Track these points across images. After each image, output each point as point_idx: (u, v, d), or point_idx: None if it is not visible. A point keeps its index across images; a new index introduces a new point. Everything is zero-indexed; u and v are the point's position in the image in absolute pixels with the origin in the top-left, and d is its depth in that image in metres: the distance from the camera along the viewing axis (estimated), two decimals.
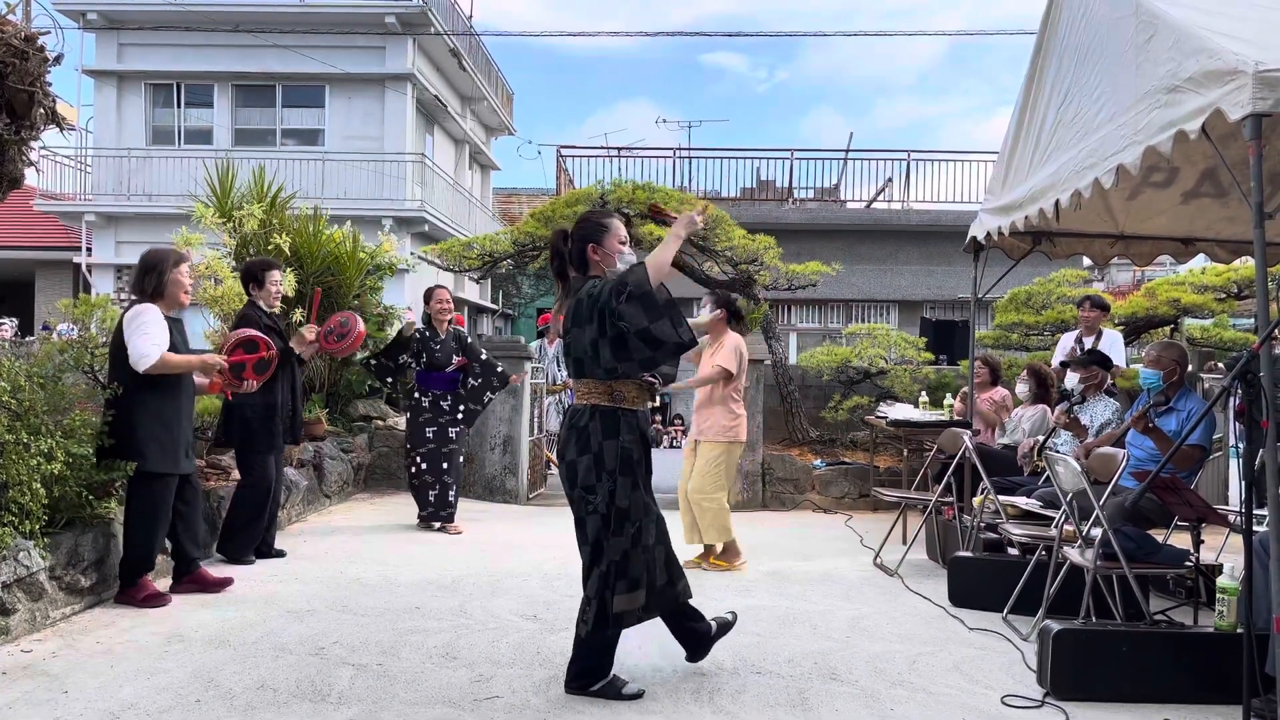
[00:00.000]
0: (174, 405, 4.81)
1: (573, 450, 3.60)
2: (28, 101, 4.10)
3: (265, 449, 5.68)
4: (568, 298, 3.68)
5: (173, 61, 19.32)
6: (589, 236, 3.68)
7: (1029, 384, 6.73)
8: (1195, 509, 4.28)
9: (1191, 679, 3.77)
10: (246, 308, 5.76)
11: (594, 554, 3.58)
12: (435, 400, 7.10)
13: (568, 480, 3.64)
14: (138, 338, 4.62)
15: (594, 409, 3.59)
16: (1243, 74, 3.28)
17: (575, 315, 3.57)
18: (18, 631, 4.07)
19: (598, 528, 3.56)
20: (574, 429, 3.61)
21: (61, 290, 19.34)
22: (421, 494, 7.13)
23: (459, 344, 7.17)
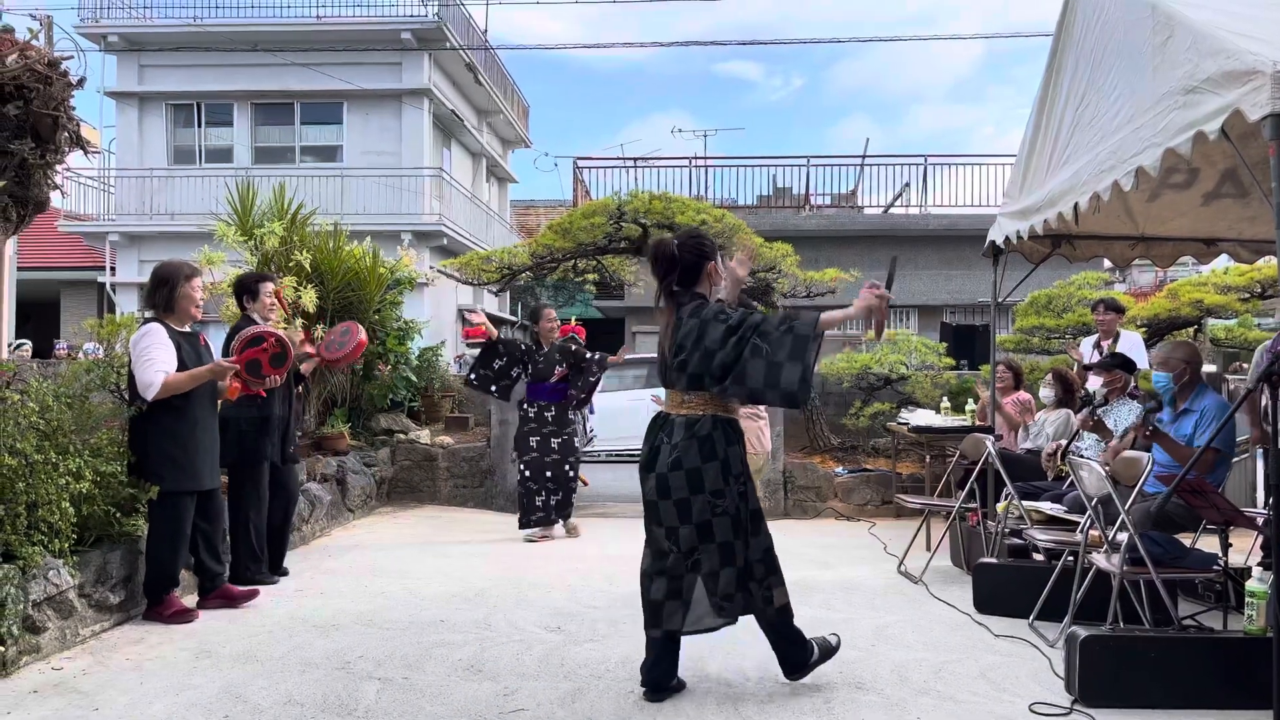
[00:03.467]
0: (189, 422, 4.79)
1: (695, 457, 3.67)
2: (52, 125, 4.18)
3: (259, 463, 5.57)
4: (677, 311, 3.77)
5: (192, 82, 19.54)
6: (709, 254, 3.84)
7: (1054, 388, 6.68)
8: (1223, 512, 4.24)
9: (1221, 684, 3.72)
10: (240, 321, 5.67)
11: (724, 555, 3.70)
12: (540, 410, 7.35)
13: (688, 486, 3.66)
14: (141, 365, 4.64)
15: (714, 418, 3.73)
16: (1261, 74, 3.26)
17: (700, 333, 3.67)
18: (48, 649, 4.12)
19: (728, 529, 3.69)
20: (695, 437, 3.69)
21: (87, 310, 19.56)
22: (527, 501, 7.33)
23: (563, 355, 7.39)
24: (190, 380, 4.75)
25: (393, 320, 9.41)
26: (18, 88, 4.06)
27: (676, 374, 3.76)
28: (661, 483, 3.72)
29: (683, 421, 3.73)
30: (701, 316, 3.70)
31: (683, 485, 3.68)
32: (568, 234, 9.54)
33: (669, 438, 3.74)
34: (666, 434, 3.76)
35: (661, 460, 3.73)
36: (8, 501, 4.01)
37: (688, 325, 3.72)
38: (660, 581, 3.76)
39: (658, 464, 3.74)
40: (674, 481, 3.69)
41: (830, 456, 9.65)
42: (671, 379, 3.80)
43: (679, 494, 3.68)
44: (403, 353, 9.52)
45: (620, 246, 9.71)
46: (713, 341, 3.64)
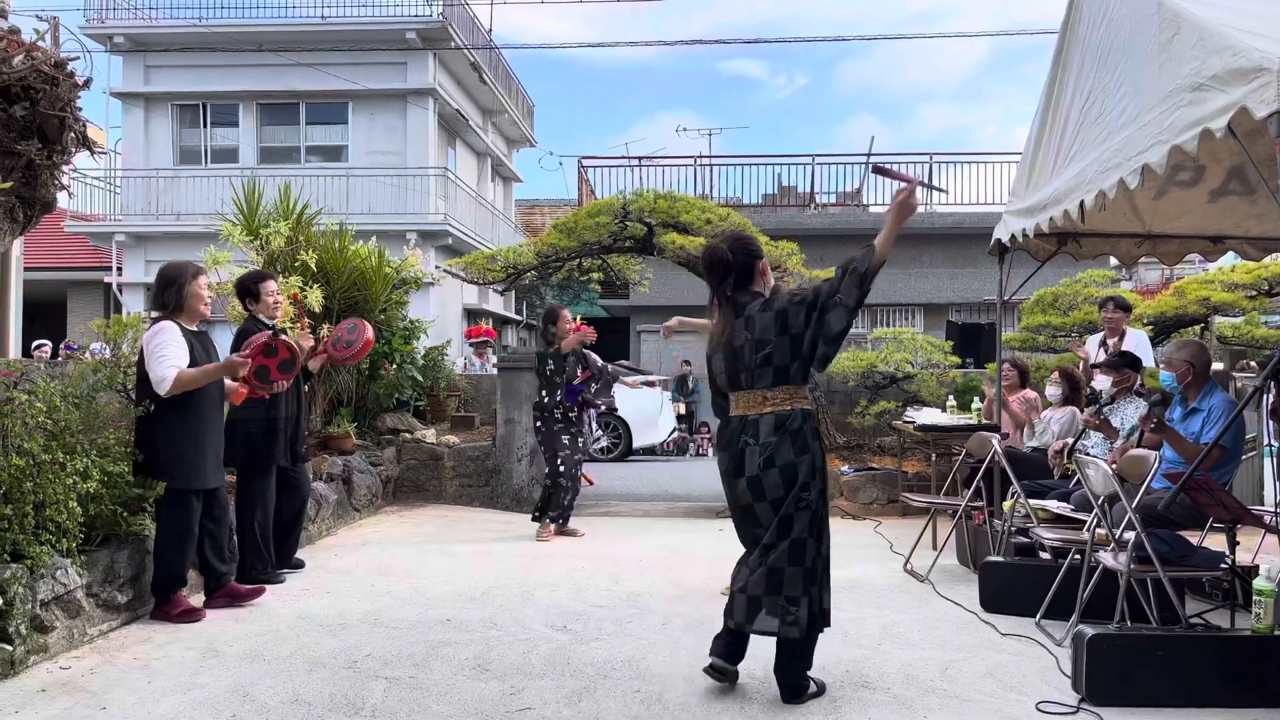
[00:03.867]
0: (197, 421, 4.82)
1: (789, 452, 3.66)
2: (59, 126, 4.18)
3: (266, 464, 5.60)
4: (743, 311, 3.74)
5: (198, 82, 19.58)
6: (758, 253, 3.86)
7: (1061, 386, 6.67)
8: (1230, 510, 4.23)
9: (1229, 683, 3.72)
10: (247, 322, 5.70)
11: (794, 552, 3.66)
12: (565, 411, 7.44)
13: (783, 483, 3.64)
14: (155, 361, 4.67)
15: (803, 412, 3.73)
16: (1268, 71, 3.26)
17: (783, 322, 3.66)
18: (56, 649, 4.13)
19: (805, 525, 3.66)
20: (787, 432, 3.67)
21: (93, 310, 19.62)
22: (553, 498, 7.45)
23: (580, 358, 7.50)
24: (204, 376, 4.78)
25: (398, 320, 9.42)
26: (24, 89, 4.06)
27: (760, 370, 3.70)
28: (755, 485, 3.67)
29: (770, 419, 3.69)
30: (777, 307, 3.69)
31: (777, 483, 3.66)
32: (573, 233, 9.54)
33: (754, 439, 3.69)
34: (750, 435, 3.70)
35: (750, 463, 3.68)
36: (15, 501, 4.03)
37: (764, 319, 3.69)
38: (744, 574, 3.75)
39: (746, 467, 3.69)
40: (768, 481, 3.66)
41: (836, 455, 9.64)
42: (750, 379, 3.72)
43: (774, 493, 3.66)
44: (408, 352, 9.53)
45: (625, 246, 9.71)
46: (798, 324, 3.64)
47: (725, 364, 3.78)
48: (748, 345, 3.71)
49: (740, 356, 3.73)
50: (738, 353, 3.74)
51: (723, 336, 3.77)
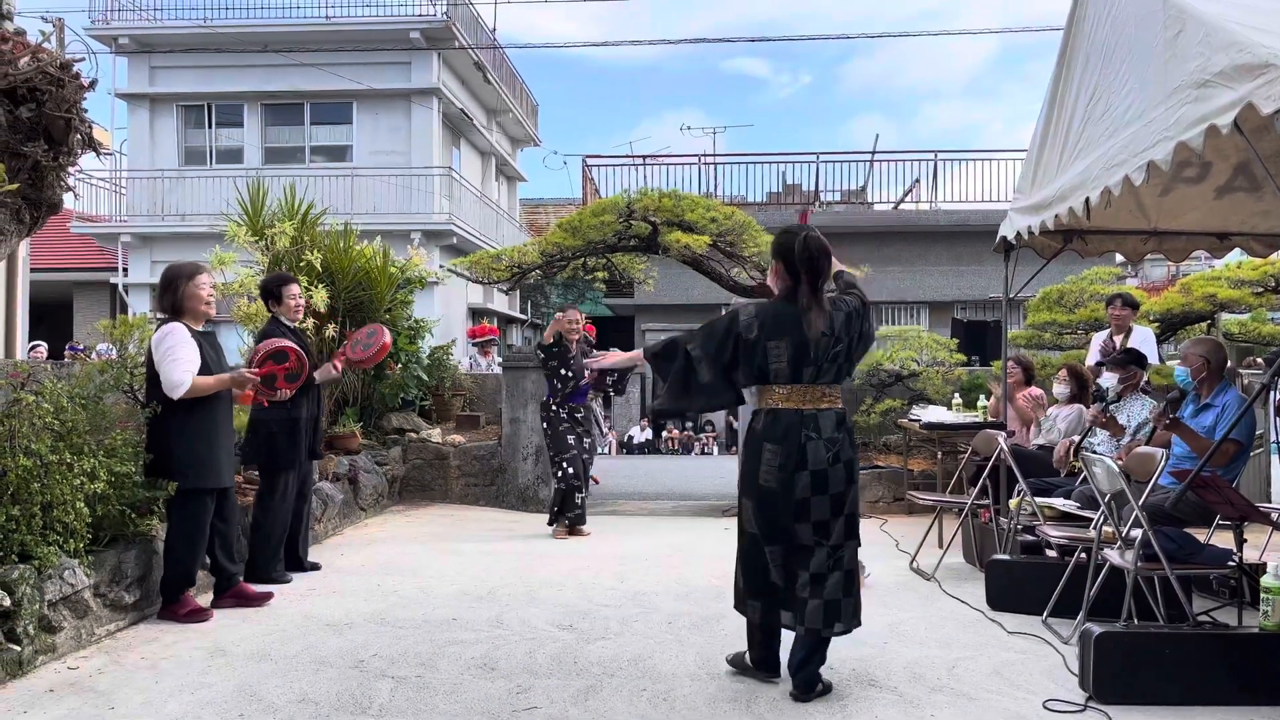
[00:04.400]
0: (211, 420, 4.87)
1: (849, 450, 3.79)
2: (64, 128, 4.18)
3: (288, 465, 5.66)
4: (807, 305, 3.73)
5: (203, 83, 19.62)
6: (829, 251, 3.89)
7: (1069, 384, 6.65)
8: (1237, 507, 4.22)
9: (1237, 681, 3.71)
10: (269, 324, 5.77)
11: (853, 553, 3.80)
12: (571, 411, 7.42)
13: (846, 479, 3.74)
14: (168, 364, 4.69)
15: (847, 410, 3.91)
16: (1274, 67, 3.24)
17: (849, 323, 3.80)
18: (64, 649, 4.14)
19: (844, 531, 3.76)
20: (846, 430, 3.80)
21: (99, 311, 19.66)
22: (565, 499, 7.39)
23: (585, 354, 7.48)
24: (216, 384, 4.86)
25: (403, 319, 9.44)
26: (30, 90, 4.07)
27: (829, 365, 3.75)
28: (819, 479, 3.69)
29: (831, 415, 3.76)
30: (845, 310, 3.80)
31: (842, 478, 3.72)
32: (577, 232, 9.54)
33: (817, 433, 3.71)
34: (812, 430, 3.71)
35: (815, 457, 3.69)
36: (23, 502, 4.04)
37: (839, 318, 3.77)
38: (805, 577, 3.71)
39: (809, 461, 3.68)
40: (834, 475, 3.70)
41: None
42: (816, 373, 3.73)
43: (837, 487, 3.72)
44: (413, 352, 9.54)
45: (630, 244, 9.70)
46: (855, 329, 3.80)
47: (792, 353, 3.71)
48: (824, 340, 3.71)
49: (814, 350, 3.71)
50: (812, 345, 3.70)
51: (810, 328, 3.69)
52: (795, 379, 3.74)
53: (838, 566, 3.72)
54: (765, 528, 3.76)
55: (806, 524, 3.69)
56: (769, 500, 3.74)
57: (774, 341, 3.73)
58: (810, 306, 3.72)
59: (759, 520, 3.77)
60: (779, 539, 3.74)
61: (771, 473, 3.72)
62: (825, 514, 3.70)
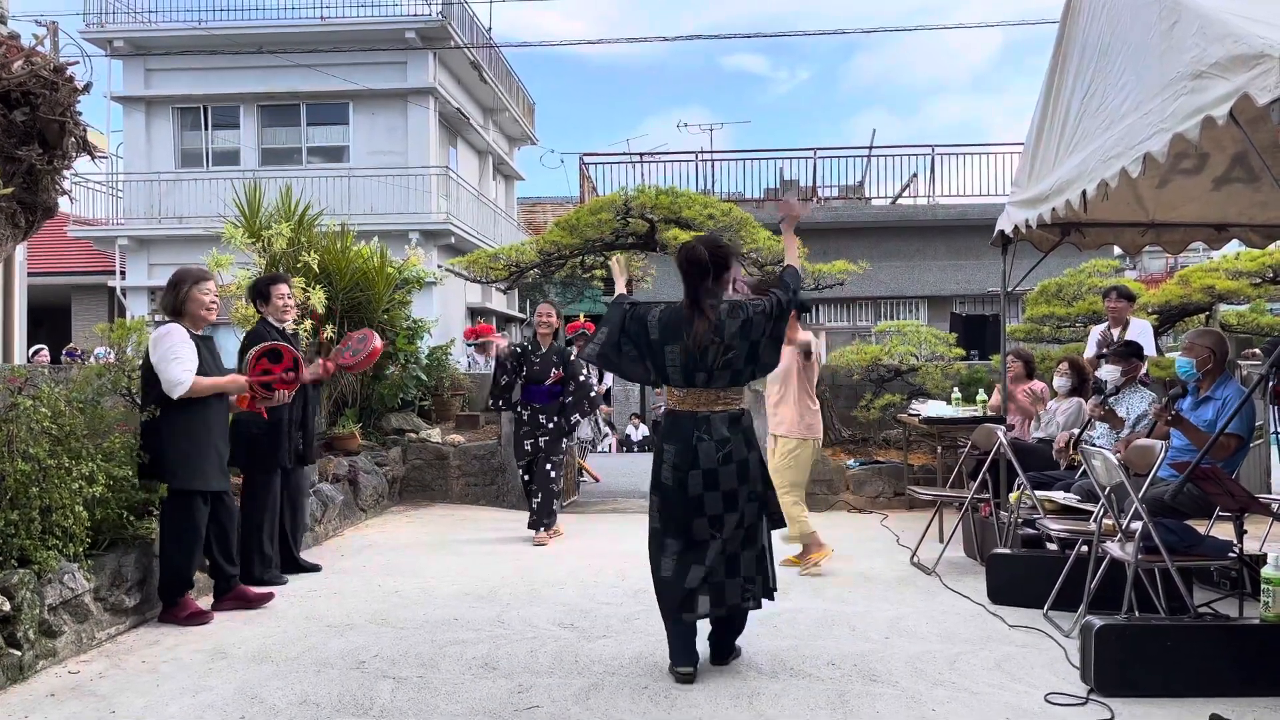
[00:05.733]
0: (203, 422, 4.84)
1: (743, 449, 3.95)
2: (59, 131, 4.17)
3: (268, 469, 5.60)
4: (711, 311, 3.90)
5: (199, 85, 19.59)
6: (729, 259, 4.05)
7: (1069, 377, 6.65)
8: (1237, 499, 4.22)
9: (1238, 671, 3.71)
10: (258, 325, 5.71)
11: (748, 538, 3.98)
12: (535, 413, 7.20)
13: (738, 476, 3.91)
14: (168, 364, 4.68)
15: (748, 412, 4.06)
16: (1270, 58, 3.24)
17: (746, 329, 3.91)
18: (65, 653, 4.14)
19: (756, 513, 3.99)
20: (741, 430, 3.97)
21: (97, 314, 19.65)
22: (544, 506, 7.24)
23: (561, 359, 7.24)
24: (213, 387, 4.86)
25: (402, 319, 9.43)
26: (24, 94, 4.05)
27: (721, 371, 3.93)
28: (709, 477, 3.90)
29: (724, 416, 3.95)
30: (742, 316, 3.92)
31: (732, 476, 3.90)
32: (575, 230, 9.54)
33: (708, 435, 3.91)
34: (704, 431, 3.92)
35: (706, 456, 3.90)
36: (22, 507, 4.03)
37: (733, 325, 3.90)
38: (698, 570, 3.90)
39: (701, 461, 3.90)
40: (724, 474, 3.90)
41: (841, 449, 9.63)
42: (708, 378, 3.94)
43: (728, 485, 3.90)
44: (412, 352, 9.53)
45: (628, 242, 9.70)
46: (757, 332, 3.92)
47: (682, 360, 3.93)
48: (713, 348, 3.90)
49: (702, 356, 3.91)
50: (700, 353, 3.91)
51: (691, 336, 3.89)
52: (689, 383, 3.97)
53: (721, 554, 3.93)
54: (666, 523, 3.99)
55: (702, 519, 3.91)
56: (669, 498, 3.97)
57: (670, 346, 3.96)
58: (691, 315, 3.93)
59: (661, 516, 4.01)
60: (678, 534, 3.96)
61: (669, 472, 3.96)
62: (718, 509, 3.89)
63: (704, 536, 3.91)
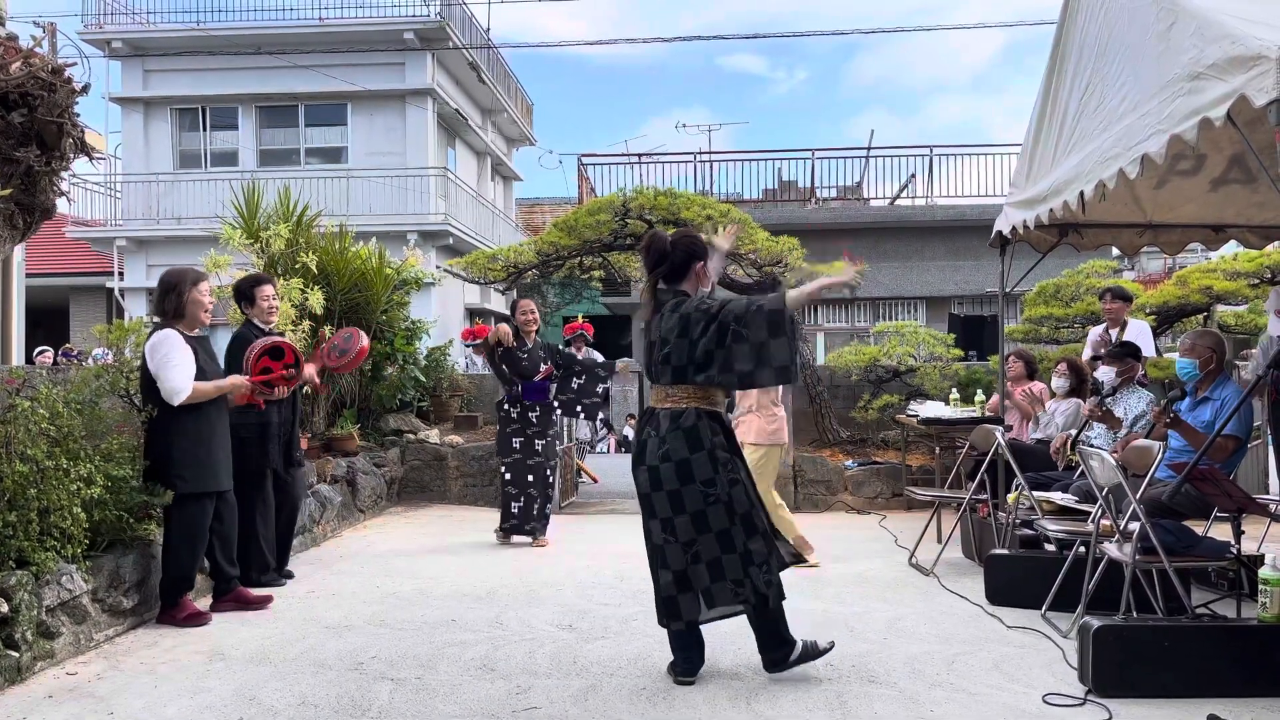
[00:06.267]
0: (207, 424, 4.85)
1: (682, 449, 3.77)
2: (57, 132, 4.17)
3: (259, 470, 5.55)
4: (660, 306, 3.88)
5: (197, 86, 19.58)
6: (699, 254, 3.94)
7: (1067, 378, 6.65)
8: (1235, 500, 4.22)
9: (1236, 672, 3.72)
10: (243, 327, 5.65)
11: (722, 541, 3.79)
12: (524, 411, 7.04)
13: (678, 477, 3.76)
14: (167, 371, 4.67)
15: (697, 410, 3.82)
16: (1267, 59, 3.24)
17: (684, 326, 3.77)
18: (63, 654, 4.14)
19: (722, 515, 3.78)
20: (680, 429, 3.79)
21: (95, 315, 19.63)
22: (505, 505, 7.08)
23: (549, 353, 7.12)
24: (215, 390, 4.86)
25: (400, 320, 9.43)
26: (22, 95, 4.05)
27: (661, 367, 3.84)
28: (653, 475, 3.82)
29: (668, 414, 3.83)
30: (682, 310, 3.80)
31: (673, 477, 3.78)
32: (573, 231, 9.53)
33: (655, 431, 3.84)
34: (653, 427, 3.86)
35: (650, 453, 3.83)
36: (20, 508, 4.03)
37: (670, 319, 3.81)
38: (666, 575, 3.84)
39: (647, 457, 3.84)
40: (664, 473, 3.79)
41: (839, 449, 9.64)
42: (656, 373, 3.88)
43: (670, 485, 3.78)
44: (410, 353, 9.53)
45: (626, 243, 9.70)
46: (696, 331, 3.74)
47: (644, 355, 3.93)
48: (657, 342, 3.85)
49: (650, 350, 3.89)
50: (650, 346, 3.89)
51: (647, 325, 3.90)
52: (649, 377, 3.95)
53: (697, 560, 3.80)
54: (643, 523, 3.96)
55: (655, 520, 3.85)
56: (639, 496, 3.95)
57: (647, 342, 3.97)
58: (646, 307, 3.93)
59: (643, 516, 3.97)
60: (645, 536, 3.94)
61: (632, 468, 3.94)
62: (668, 511, 3.80)
63: (659, 541, 3.84)
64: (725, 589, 3.81)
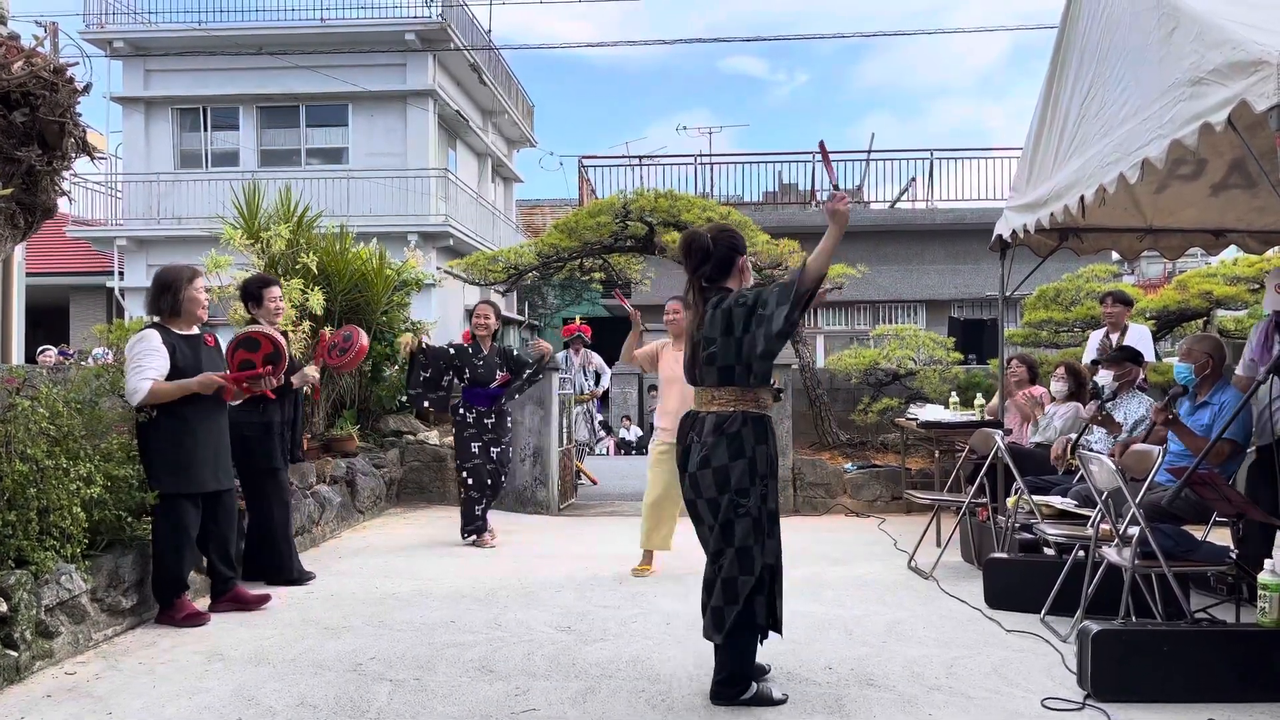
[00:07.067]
0: (187, 426, 4.76)
1: (723, 455, 3.62)
2: (58, 132, 4.17)
3: (265, 468, 5.59)
4: (703, 304, 3.73)
5: (198, 86, 19.59)
6: (741, 248, 3.83)
7: (1066, 382, 6.65)
8: (1234, 504, 4.22)
9: (1235, 677, 3.71)
10: (247, 326, 5.66)
11: (741, 559, 3.61)
12: (479, 416, 7.04)
13: (715, 485, 3.62)
14: (130, 371, 4.65)
15: (744, 415, 3.66)
16: (1268, 64, 3.25)
17: (728, 323, 3.64)
18: (61, 654, 4.14)
19: (748, 531, 3.61)
20: (724, 434, 3.63)
21: (96, 315, 19.64)
22: (468, 509, 7.08)
23: (504, 359, 7.12)
24: (178, 390, 4.70)
25: (400, 321, 9.42)
26: (24, 95, 4.05)
27: (706, 368, 3.71)
28: (694, 482, 3.70)
29: (712, 419, 3.68)
30: (724, 306, 3.67)
31: (711, 484, 3.65)
32: (574, 233, 9.55)
33: (698, 436, 3.71)
34: (697, 432, 3.72)
35: (692, 460, 3.70)
36: (19, 507, 4.03)
37: (714, 317, 3.68)
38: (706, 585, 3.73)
39: (689, 464, 3.72)
40: (703, 479, 3.66)
41: (839, 453, 9.64)
42: (701, 375, 3.75)
43: (708, 493, 3.66)
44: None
45: (626, 245, 9.72)
46: (739, 328, 3.63)
47: (687, 357, 3.80)
48: (702, 342, 3.72)
49: (695, 352, 3.75)
50: (695, 347, 3.75)
51: (689, 330, 3.78)
52: (691, 380, 3.81)
53: (718, 575, 3.66)
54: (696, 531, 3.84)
55: (702, 526, 3.75)
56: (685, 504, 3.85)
57: (686, 346, 3.84)
58: (690, 309, 3.81)
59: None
60: (703, 544, 3.80)
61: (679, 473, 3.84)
62: (711, 519, 3.67)
63: (707, 549, 3.73)
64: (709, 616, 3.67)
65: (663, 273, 12.53)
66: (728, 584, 3.63)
